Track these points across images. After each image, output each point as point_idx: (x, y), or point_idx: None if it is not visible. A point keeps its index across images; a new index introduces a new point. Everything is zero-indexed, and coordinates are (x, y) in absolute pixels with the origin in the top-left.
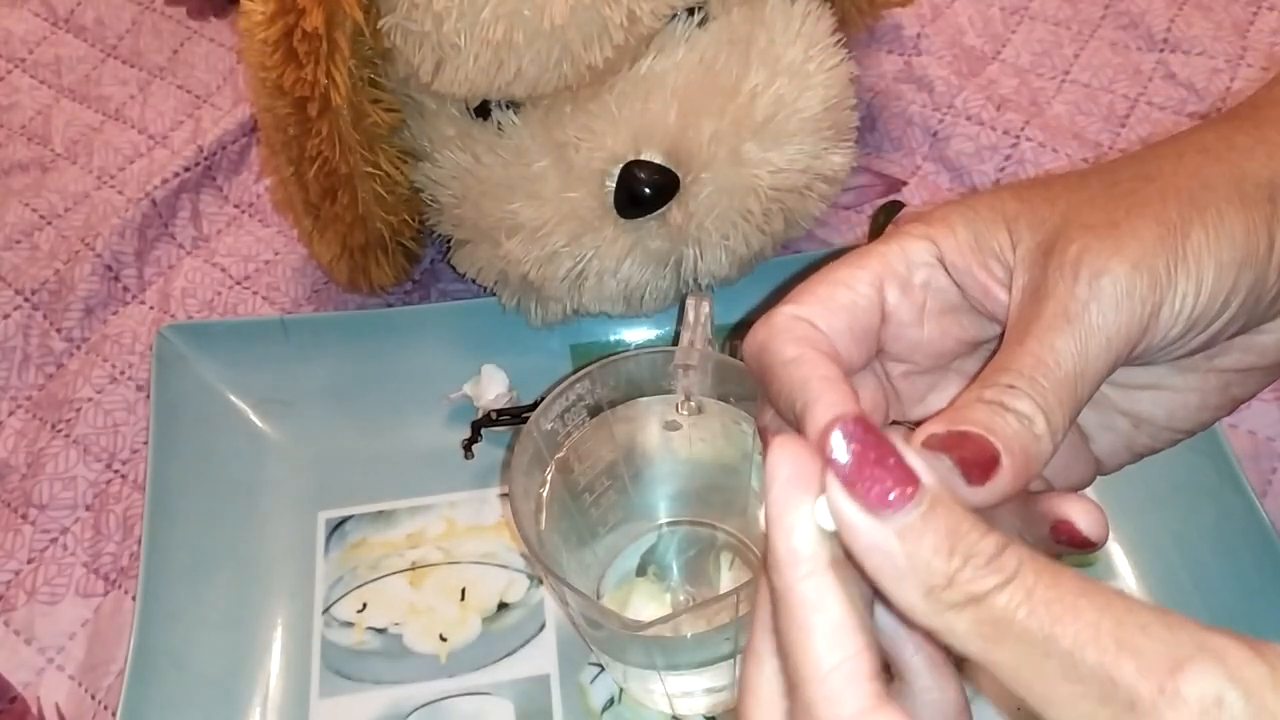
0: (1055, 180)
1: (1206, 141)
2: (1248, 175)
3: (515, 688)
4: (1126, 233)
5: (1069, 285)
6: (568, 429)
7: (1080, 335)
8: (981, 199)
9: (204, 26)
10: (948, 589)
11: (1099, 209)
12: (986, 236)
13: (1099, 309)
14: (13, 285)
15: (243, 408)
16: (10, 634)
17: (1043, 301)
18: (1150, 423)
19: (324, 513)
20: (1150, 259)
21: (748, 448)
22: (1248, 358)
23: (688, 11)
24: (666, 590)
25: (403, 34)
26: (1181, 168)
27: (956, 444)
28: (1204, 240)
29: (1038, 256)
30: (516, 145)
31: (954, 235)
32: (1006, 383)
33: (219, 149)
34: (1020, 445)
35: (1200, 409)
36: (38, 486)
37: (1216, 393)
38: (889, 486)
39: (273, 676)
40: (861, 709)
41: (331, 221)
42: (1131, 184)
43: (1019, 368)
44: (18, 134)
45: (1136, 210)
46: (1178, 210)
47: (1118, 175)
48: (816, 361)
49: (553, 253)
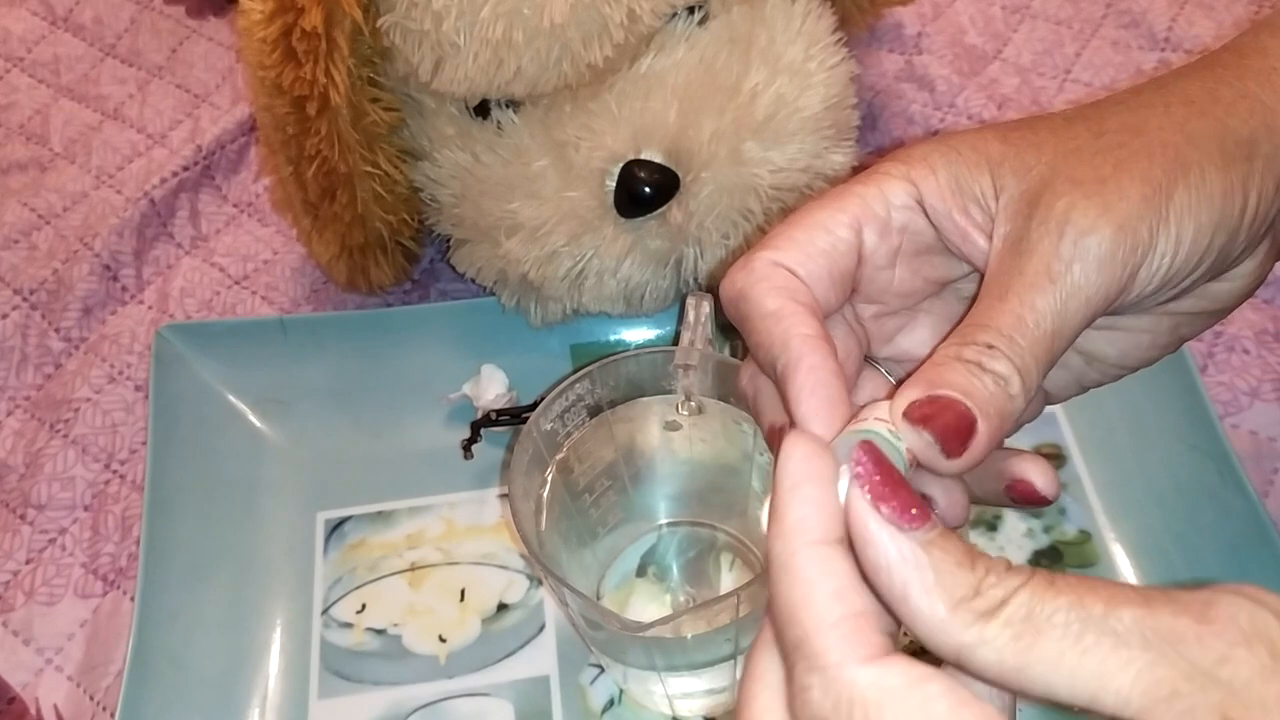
0: (1040, 124)
1: (1191, 92)
2: (1230, 131)
3: (515, 689)
4: (1114, 191)
5: (1053, 243)
6: (568, 429)
7: (1061, 295)
8: (964, 139)
9: (203, 25)
10: (976, 598)
11: (1086, 162)
12: (968, 180)
13: (1082, 269)
14: (11, 285)
15: (241, 408)
16: (9, 634)
17: (1025, 256)
18: (1102, 360)
19: (323, 513)
20: (1135, 221)
21: (748, 448)
22: (1201, 303)
23: (688, 10)
24: (666, 591)
25: (402, 33)
26: (1168, 120)
27: (936, 414)
28: (1186, 202)
29: (1021, 207)
30: (516, 144)
31: (934, 177)
32: (986, 341)
33: (218, 148)
34: (996, 408)
35: (1150, 348)
36: (36, 487)
37: (1166, 334)
38: (910, 502)
39: (271, 677)
40: (872, 655)
41: (330, 221)
42: (1119, 136)
43: (999, 326)
44: (16, 133)
45: (1124, 166)
46: (1164, 169)
47: (1104, 124)
48: (797, 317)
49: (552, 252)
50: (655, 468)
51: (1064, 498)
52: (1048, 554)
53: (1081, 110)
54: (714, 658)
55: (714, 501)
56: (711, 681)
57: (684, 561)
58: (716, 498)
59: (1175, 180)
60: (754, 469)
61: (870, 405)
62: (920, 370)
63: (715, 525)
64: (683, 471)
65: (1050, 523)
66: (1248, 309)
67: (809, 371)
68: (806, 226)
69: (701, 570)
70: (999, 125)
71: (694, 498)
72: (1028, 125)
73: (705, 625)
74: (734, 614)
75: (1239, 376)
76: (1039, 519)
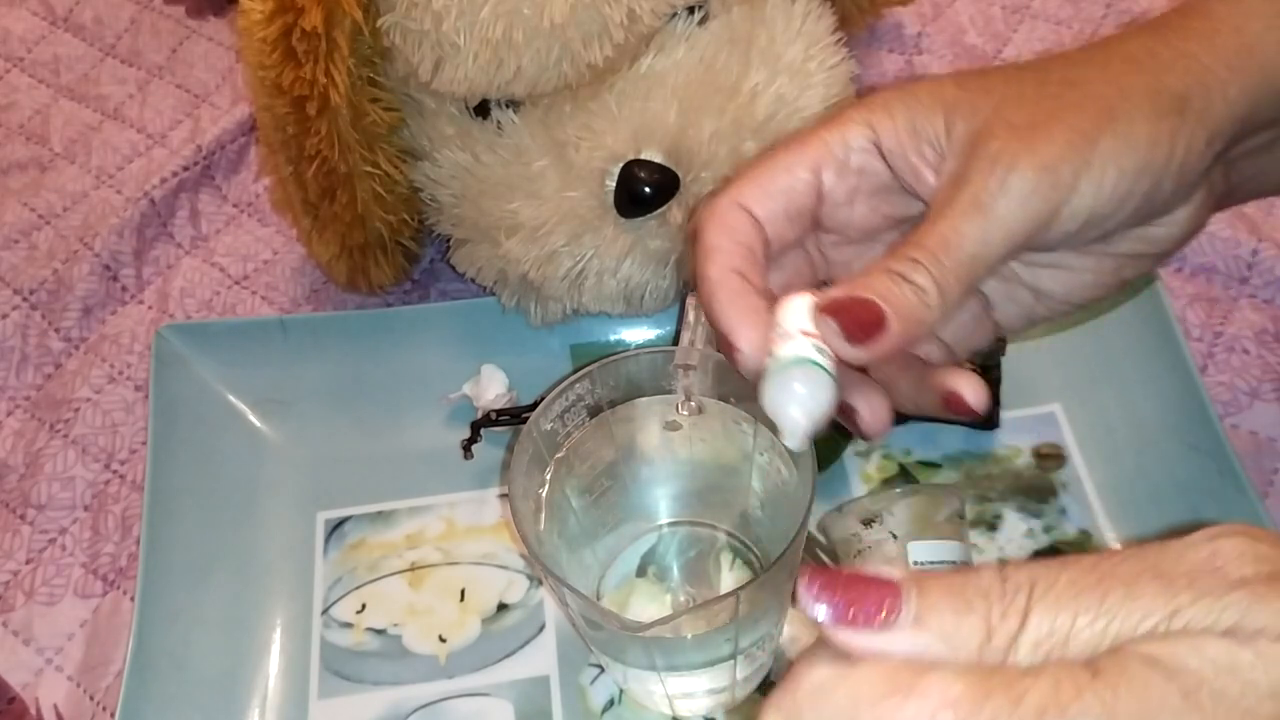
0: (995, 72)
1: (1132, 50)
2: (1165, 87)
3: (515, 689)
4: (1042, 136)
5: (983, 177)
6: (568, 429)
7: (985, 224)
8: (923, 86)
9: (203, 25)
10: (989, 642)
11: (1025, 108)
12: (923, 122)
13: (1006, 203)
14: (11, 285)
15: (242, 408)
16: (9, 635)
17: (960, 188)
18: (1049, 296)
19: (323, 513)
20: (1058, 163)
21: (748, 448)
22: (1139, 246)
23: (688, 10)
24: (666, 591)
25: (402, 33)
26: (1106, 75)
27: (847, 308)
28: (1111, 148)
29: (965, 145)
30: (516, 144)
31: (893, 121)
32: (912, 256)
33: (218, 148)
34: (909, 311)
35: (1094, 286)
36: (36, 487)
37: (1109, 274)
38: (873, 598)
39: (272, 677)
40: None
41: (330, 221)
42: (1059, 87)
43: (926, 244)
44: (16, 133)
45: (1056, 114)
46: (1092, 119)
47: (1049, 75)
48: (735, 290)
49: (552, 252)
50: (655, 468)
51: (1064, 497)
52: (1048, 554)
53: (1035, 62)
54: (714, 658)
55: (714, 501)
56: (711, 681)
57: (684, 561)
58: (716, 498)
59: (1102, 128)
60: (754, 469)
61: (790, 297)
62: (851, 275)
63: (715, 525)
64: (683, 471)
65: (1050, 523)
66: (1248, 309)
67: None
68: (770, 167)
69: (701, 570)
70: (958, 73)
71: (694, 498)
72: (982, 73)
73: (705, 625)
74: (734, 614)
75: (1239, 376)
76: (1039, 519)
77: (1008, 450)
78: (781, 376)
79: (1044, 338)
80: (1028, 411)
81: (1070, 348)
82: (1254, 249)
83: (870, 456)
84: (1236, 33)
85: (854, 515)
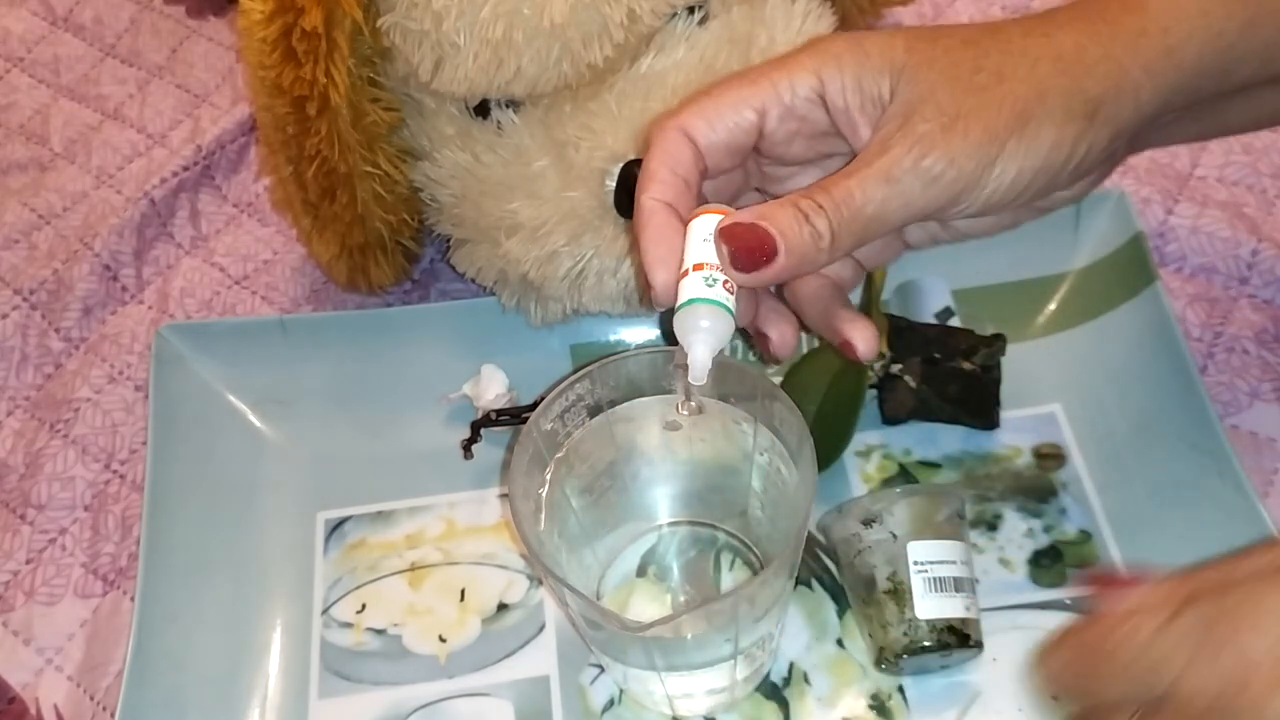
0: (942, 39)
1: (1064, 47)
2: (1081, 90)
3: (515, 689)
4: (959, 130)
5: (901, 152)
6: (568, 429)
7: (889, 193)
8: (875, 42)
9: (202, 25)
10: None
11: (956, 93)
12: (869, 82)
13: (913, 182)
14: (11, 285)
15: (241, 408)
16: (9, 635)
17: (881, 154)
18: (954, 229)
19: (323, 513)
20: (967, 159)
21: (748, 448)
22: (1037, 207)
23: (688, 10)
24: (667, 591)
25: (402, 33)
26: (1033, 75)
27: (743, 236)
28: (1016, 150)
29: (899, 113)
30: (516, 144)
31: (841, 76)
32: (818, 201)
33: (218, 148)
34: (801, 250)
35: (994, 226)
36: (36, 487)
37: (1008, 219)
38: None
39: (272, 678)
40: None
41: (330, 221)
42: (989, 77)
43: (834, 194)
44: (16, 133)
45: (977, 111)
46: (1006, 121)
47: (985, 60)
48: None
49: (552, 252)
50: (655, 468)
51: (1064, 497)
52: (1048, 554)
53: (979, 34)
54: (714, 658)
55: (714, 501)
56: (711, 681)
57: (684, 561)
58: (716, 498)
59: (1013, 131)
60: (754, 469)
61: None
62: (764, 202)
63: (715, 525)
64: (682, 471)
65: (1050, 523)
66: (1248, 309)
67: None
68: (717, 101)
69: (701, 570)
70: (909, 31)
71: (694, 498)
72: (931, 38)
73: (705, 625)
74: (734, 614)
75: (1239, 376)
76: (1039, 519)
77: (1008, 450)
78: (683, 315)
79: (1044, 337)
80: (1028, 411)
81: (1070, 348)
82: (1254, 249)
83: (870, 456)
84: (1163, 34)
85: (854, 515)
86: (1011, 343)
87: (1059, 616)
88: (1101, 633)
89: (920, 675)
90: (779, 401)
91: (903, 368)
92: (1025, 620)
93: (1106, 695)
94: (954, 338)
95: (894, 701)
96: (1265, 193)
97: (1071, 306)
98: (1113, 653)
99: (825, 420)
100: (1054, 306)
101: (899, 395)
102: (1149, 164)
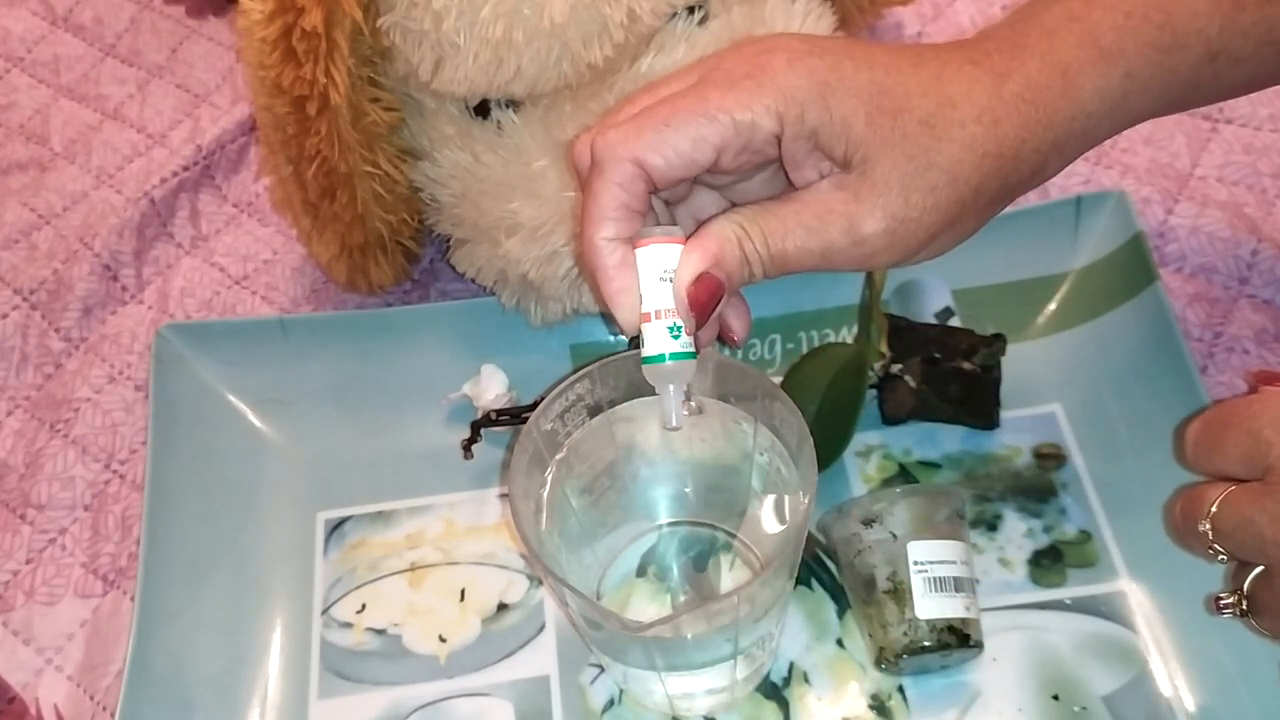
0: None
1: (1005, 144)
2: (1013, 187)
3: (515, 689)
4: (900, 235)
5: (843, 217)
6: (568, 429)
7: (812, 244)
8: (839, 98)
9: (202, 25)
10: None
11: (909, 195)
12: (826, 140)
13: (843, 248)
14: (11, 285)
15: (241, 408)
16: (9, 634)
17: (823, 208)
18: None
19: (323, 513)
20: (898, 252)
21: (748, 448)
22: None
23: (688, 10)
24: (666, 591)
25: (402, 33)
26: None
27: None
28: (944, 241)
29: (851, 187)
30: (516, 144)
31: (802, 124)
32: (756, 229)
33: (218, 148)
34: (734, 273)
35: None
36: (36, 487)
37: None
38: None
39: (272, 678)
40: None
41: (330, 221)
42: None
43: (771, 229)
44: (16, 133)
45: (920, 218)
46: (944, 221)
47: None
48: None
49: (552, 252)
50: (655, 467)
51: (1064, 497)
52: (1048, 554)
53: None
54: (714, 658)
55: (714, 501)
56: (711, 681)
57: (684, 561)
58: (716, 497)
59: (947, 226)
60: (754, 469)
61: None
62: (708, 227)
63: (715, 525)
64: (682, 471)
65: (1050, 523)
66: (1248, 309)
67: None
68: (678, 135)
69: (701, 570)
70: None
71: (694, 497)
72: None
73: (705, 625)
74: (734, 614)
75: (1239, 376)
76: (1039, 519)
77: (1008, 450)
78: (653, 371)
79: (1044, 337)
80: (1028, 411)
81: (1070, 348)
82: (1254, 249)
83: (870, 456)
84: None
85: (854, 515)
86: (1011, 343)
87: (1059, 616)
88: (1230, 408)
89: (920, 675)
90: (779, 401)
91: (903, 368)
92: (1025, 620)
93: (1225, 465)
94: (954, 338)
95: (894, 701)
96: (1265, 193)
97: (1071, 306)
98: (1236, 426)
99: (825, 420)
100: (1054, 306)
101: (899, 395)
102: (1149, 164)
